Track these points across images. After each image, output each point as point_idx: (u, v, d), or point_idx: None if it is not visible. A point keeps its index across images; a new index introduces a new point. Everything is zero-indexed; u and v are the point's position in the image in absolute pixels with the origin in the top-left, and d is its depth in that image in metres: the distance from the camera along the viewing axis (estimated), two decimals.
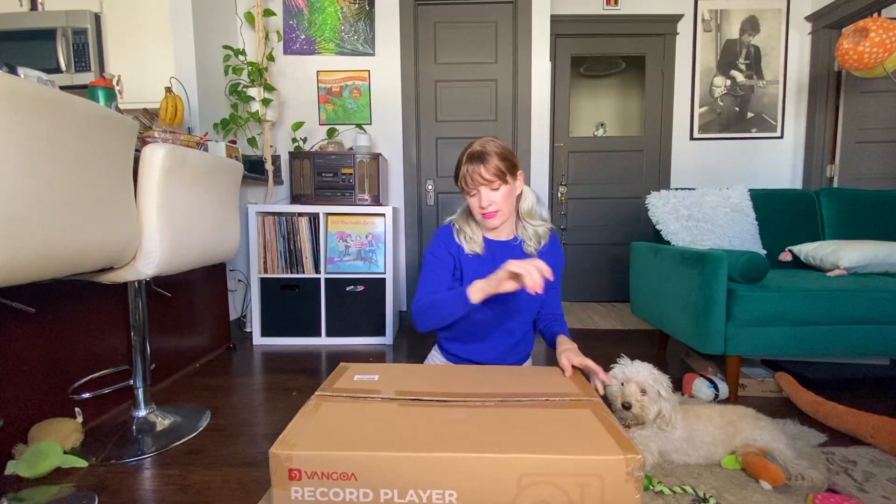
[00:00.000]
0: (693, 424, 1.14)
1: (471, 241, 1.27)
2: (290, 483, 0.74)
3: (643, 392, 1.13)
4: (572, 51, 3.12)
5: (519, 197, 1.29)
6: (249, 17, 2.41)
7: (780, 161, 3.09)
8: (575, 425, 0.83)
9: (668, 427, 1.11)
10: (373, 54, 2.69)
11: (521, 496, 0.73)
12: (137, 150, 1.19)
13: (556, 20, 2.86)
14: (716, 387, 1.50)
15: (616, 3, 3.00)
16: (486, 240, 1.29)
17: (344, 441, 0.77)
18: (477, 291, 1.07)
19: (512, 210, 1.26)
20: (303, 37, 2.69)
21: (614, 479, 0.73)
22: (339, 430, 0.81)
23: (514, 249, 1.29)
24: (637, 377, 1.15)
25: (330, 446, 0.76)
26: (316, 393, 0.97)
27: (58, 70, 2.24)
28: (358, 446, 0.76)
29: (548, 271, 0.98)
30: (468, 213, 1.30)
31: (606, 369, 1.20)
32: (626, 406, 1.13)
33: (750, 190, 2.04)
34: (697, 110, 3.08)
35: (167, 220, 1.19)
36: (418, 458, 0.74)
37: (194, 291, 1.95)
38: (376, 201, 2.34)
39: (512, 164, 1.19)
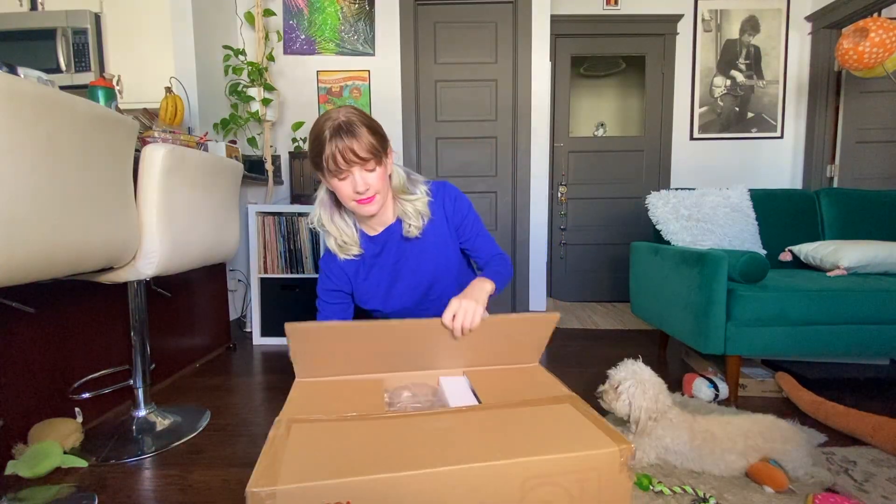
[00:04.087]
0: (706, 445, 1.08)
1: (343, 245, 1.12)
2: None
3: (615, 389, 1.16)
4: (572, 51, 3.12)
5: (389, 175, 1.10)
6: (249, 17, 2.41)
7: (780, 161, 3.09)
8: (562, 422, 0.82)
9: (635, 429, 1.11)
10: (373, 54, 2.69)
11: (525, 500, 0.72)
12: (137, 150, 1.19)
13: (556, 20, 2.86)
14: (716, 387, 1.50)
15: (616, 3, 3.00)
16: (363, 235, 1.15)
17: (331, 467, 0.68)
18: None
19: (388, 191, 1.09)
20: (303, 37, 2.69)
21: (610, 470, 0.73)
22: (322, 454, 0.72)
23: (397, 233, 1.14)
24: (613, 376, 1.18)
25: (317, 475, 0.66)
26: (280, 417, 0.83)
27: (58, 70, 2.24)
28: (348, 471, 0.67)
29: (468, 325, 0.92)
30: (333, 206, 1.12)
31: (607, 370, 1.22)
32: (596, 397, 1.19)
33: (750, 190, 2.04)
34: (697, 110, 3.08)
35: (167, 220, 1.19)
36: (420, 476, 0.67)
37: (194, 291, 1.95)
38: None
39: (383, 139, 1.03)
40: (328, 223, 1.11)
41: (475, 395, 0.96)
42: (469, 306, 0.96)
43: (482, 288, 1.05)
